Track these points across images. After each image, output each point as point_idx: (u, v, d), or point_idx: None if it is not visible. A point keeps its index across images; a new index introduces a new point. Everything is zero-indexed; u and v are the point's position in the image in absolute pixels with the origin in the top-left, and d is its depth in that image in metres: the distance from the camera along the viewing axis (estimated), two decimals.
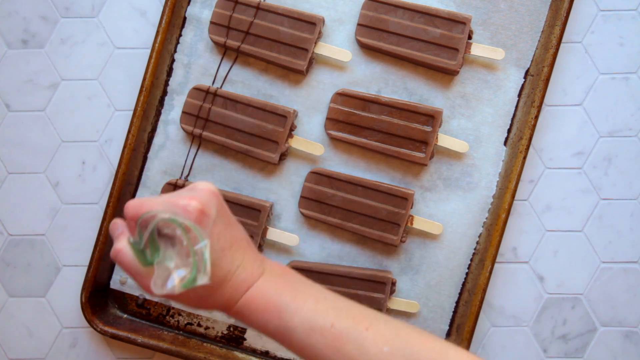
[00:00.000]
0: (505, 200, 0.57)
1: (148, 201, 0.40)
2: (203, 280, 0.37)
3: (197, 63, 0.61)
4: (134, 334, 0.59)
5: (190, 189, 0.41)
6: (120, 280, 0.61)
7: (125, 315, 0.61)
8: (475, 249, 0.59)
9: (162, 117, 0.61)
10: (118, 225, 0.43)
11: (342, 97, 0.58)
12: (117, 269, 0.61)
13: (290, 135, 0.58)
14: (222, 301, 0.42)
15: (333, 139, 0.59)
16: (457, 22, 0.56)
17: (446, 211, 0.59)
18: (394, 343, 0.39)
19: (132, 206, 0.40)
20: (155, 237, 0.39)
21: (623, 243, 0.60)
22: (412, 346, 0.39)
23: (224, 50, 0.60)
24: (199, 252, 0.37)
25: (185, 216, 0.38)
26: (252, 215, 0.58)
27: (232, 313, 0.43)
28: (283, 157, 0.59)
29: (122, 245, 0.41)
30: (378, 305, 0.57)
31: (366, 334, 0.39)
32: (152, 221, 0.38)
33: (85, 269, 0.62)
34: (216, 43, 0.59)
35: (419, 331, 0.40)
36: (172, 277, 0.37)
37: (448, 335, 0.59)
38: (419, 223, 0.58)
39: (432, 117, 0.57)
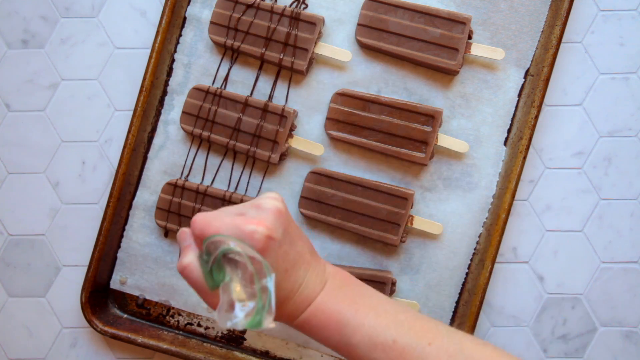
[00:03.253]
0: (505, 200, 0.57)
1: (215, 221, 0.40)
2: (268, 321, 0.37)
3: (197, 63, 0.61)
4: (134, 334, 0.59)
5: (257, 207, 0.41)
6: (120, 280, 0.61)
7: (125, 315, 0.61)
8: (475, 249, 0.59)
9: (162, 117, 0.61)
10: (186, 236, 0.42)
11: (342, 97, 0.58)
12: (117, 269, 0.61)
13: (290, 135, 0.58)
14: (283, 316, 0.42)
15: (333, 139, 0.59)
16: (457, 22, 0.56)
17: (446, 211, 0.59)
18: (458, 359, 0.39)
19: (199, 223, 0.40)
20: (222, 260, 0.39)
21: (623, 243, 0.60)
22: None
23: (224, 50, 0.60)
24: (264, 289, 0.37)
25: (252, 244, 0.38)
26: None
27: (293, 326, 0.43)
28: (283, 157, 0.59)
29: (191, 260, 0.41)
30: None
31: (429, 350, 0.39)
32: (219, 246, 0.38)
33: (85, 269, 0.62)
34: (216, 43, 0.59)
35: (482, 345, 0.40)
36: (237, 310, 0.37)
37: None
38: (419, 223, 0.58)
39: (432, 117, 0.57)
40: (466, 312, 0.58)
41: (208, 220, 0.40)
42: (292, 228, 0.42)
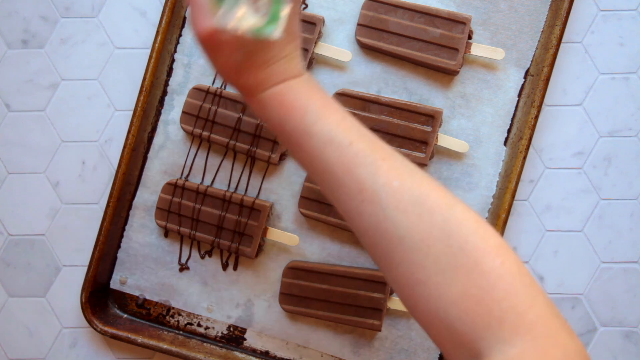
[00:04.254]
0: (505, 200, 0.57)
1: None
2: (275, 33, 0.36)
3: (197, 63, 0.61)
4: (134, 334, 0.59)
5: None
6: (120, 280, 0.61)
7: (125, 315, 0.61)
8: None
9: (162, 117, 0.61)
10: None
11: (342, 97, 0.58)
12: (117, 269, 0.61)
13: None
14: (252, 81, 0.41)
15: None
16: (457, 22, 0.56)
17: None
18: (406, 181, 0.38)
19: None
20: None
21: (623, 243, 0.60)
22: (422, 189, 0.38)
23: None
24: (279, 6, 0.36)
25: None
26: (252, 215, 0.58)
27: (253, 101, 0.42)
28: (283, 157, 0.59)
29: None
30: (378, 305, 0.57)
31: (381, 163, 0.39)
32: None
33: (85, 269, 0.62)
34: None
35: (432, 180, 0.39)
36: (239, 17, 0.36)
37: None
38: None
39: (432, 117, 0.57)
40: None
41: None
42: (299, 10, 0.41)
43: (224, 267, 0.60)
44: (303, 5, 0.59)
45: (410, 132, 0.57)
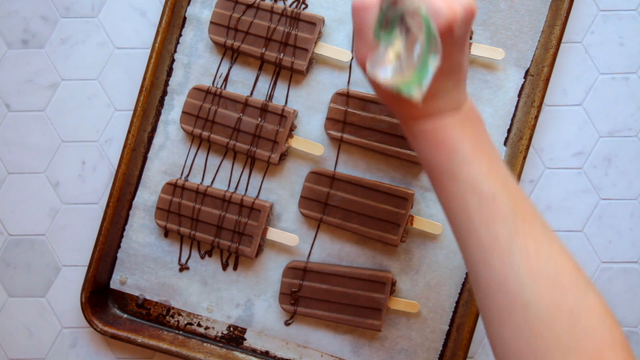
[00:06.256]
0: None
1: None
2: (416, 95, 0.35)
3: (197, 63, 0.61)
4: (133, 334, 0.59)
5: None
6: (120, 280, 0.61)
7: (125, 315, 0.61)
8: None
9: (162, 117, 0.61)
10: None
11: (342, 97, 0.58)
12: (117, 269, 0.61)
13: (290, 135, 0.58)
14: (406, 113, 0.40)
15: (333, 139, 0.59)
16: None
17: None
18: (543, 249, 0.38)
19: None
20: (398, 18, 0.36)
21: (623, 243, 0.60)
22: (558, 262, 0.38)
23: (224, 50, 0.60)
24: (427, 64, 0.35)
25: (433, 20, 0.36)
26: (252, 215, 0.58)
27: (406, 128, 0.42)
28: (283, 157, 0.59)
29: (374, 1, 0.38)
30: (378, 305, 0.57)
31: (521, 225, 0.38)
32: (404, 4, 0.36)
33: (85, 269, 0.62)
34: (216, 43, 0.59)
35: (569, 255, 0.39)
36: (388, 67, 0.36)
37: (448, 335, 0.59)
38: (419, 223, 0.58)
39: None
40: (466, 312, 0.58)
41: None
42: (466, 39, 0.39)
43: (224, 267, 0.60)
44: (303, 5, 0.59)
45: None
